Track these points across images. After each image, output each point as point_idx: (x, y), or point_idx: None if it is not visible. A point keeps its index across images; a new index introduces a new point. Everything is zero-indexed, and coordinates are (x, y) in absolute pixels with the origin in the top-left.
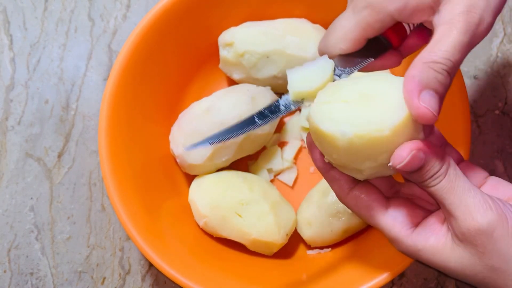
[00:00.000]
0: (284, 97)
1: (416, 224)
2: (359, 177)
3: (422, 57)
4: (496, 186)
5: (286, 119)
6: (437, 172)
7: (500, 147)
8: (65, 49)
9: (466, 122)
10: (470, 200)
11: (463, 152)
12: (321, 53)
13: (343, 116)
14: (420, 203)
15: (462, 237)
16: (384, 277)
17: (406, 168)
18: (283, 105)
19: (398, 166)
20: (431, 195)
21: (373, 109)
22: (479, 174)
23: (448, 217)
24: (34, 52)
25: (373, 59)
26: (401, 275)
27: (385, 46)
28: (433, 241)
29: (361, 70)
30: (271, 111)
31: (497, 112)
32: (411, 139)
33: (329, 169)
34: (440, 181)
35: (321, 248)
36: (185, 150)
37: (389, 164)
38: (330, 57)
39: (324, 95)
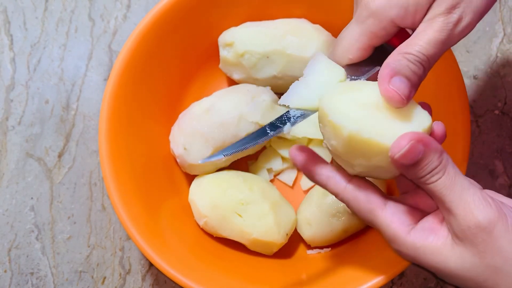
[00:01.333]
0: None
1: (415, 223)
2: (350, 171)
3: (399, 49)
4: None
5: None
6: (435, 167)
7: (500, 147)
8: (65, 49)
9: (466, 122)
10: (470, 197)
11: (463, 152)
12: None
13: (352, 114)
14: (420, 210)
15: (462, 236)
16: (384, 277)
17: (404, 159)
18: (293, 116)
19: (396, 156)
20: (429, 193)
21: (382, 118)
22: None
23: (447, 216)
24: (35, 52)
25: (379, 67)
26: (401, 275)
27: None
28: (432, 239)
29: (368, 79)
30: (282, 122)
31: (497, 112)
32: None
33: (318, 170)
34: (439, 178)
35: (321, 248)
36: (200, 162)
37: (389, 154)
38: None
39: (342, 89)
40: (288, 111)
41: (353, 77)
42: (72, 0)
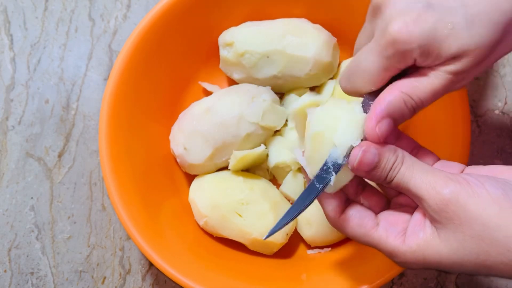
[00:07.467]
0: (332, 155)
1: (406, 228)
2: None
3: (403, 86)
4: (445, 166)
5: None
6: (394, 163)
7: (500, 147)
8: (65, 49)
9: (466, 122)
10: (430, 178)
11: (463, 152)
12: (349, 93)
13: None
14: (407, 211)
15: (438, 217)
16: (384, 276)
17: (362, 165)
18: (333, 165)
19: (355, 164)
20: (398, 189)
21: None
22: (431, 157)
23: (420, 204)
24: (35, 52)
25: None
26: (401, 275)
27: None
28: (422, 235)
29: None
30: (327, 172)
31: (497, 112)
32: None
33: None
34: (399, 169)
35: (321, 247)
36: (264, 239)
37: (349, 166)
38: (359, 96)
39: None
40: (326, 160)
41: (371, 103)
42: (72, 0)
